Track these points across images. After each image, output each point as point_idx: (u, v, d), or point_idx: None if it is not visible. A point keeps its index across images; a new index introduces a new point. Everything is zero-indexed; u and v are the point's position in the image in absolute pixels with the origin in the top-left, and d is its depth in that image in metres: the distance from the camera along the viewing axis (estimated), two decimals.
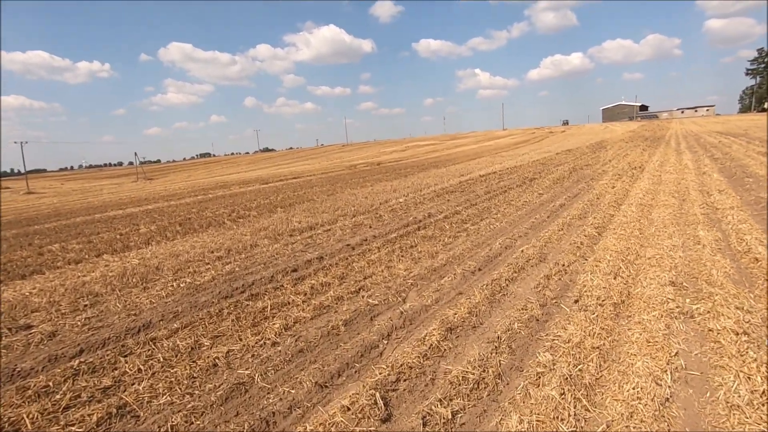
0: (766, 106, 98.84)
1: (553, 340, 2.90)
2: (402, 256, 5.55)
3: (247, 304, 4.17)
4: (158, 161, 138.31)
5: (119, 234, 9.16)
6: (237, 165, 54.21)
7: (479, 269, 4.69)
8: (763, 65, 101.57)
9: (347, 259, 5.58)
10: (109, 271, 6.03)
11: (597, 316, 3.11)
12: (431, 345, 2.96)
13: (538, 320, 3.25)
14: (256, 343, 3.29)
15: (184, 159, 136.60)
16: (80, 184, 38.18)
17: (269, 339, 3.35)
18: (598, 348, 2.69)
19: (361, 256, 5.68)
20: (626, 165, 13.93)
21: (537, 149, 30.45)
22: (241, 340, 3.36)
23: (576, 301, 3.52)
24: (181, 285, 5.05)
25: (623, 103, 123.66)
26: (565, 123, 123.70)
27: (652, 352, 2.57)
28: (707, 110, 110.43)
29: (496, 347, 2.87)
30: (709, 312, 3.07)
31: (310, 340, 3.28)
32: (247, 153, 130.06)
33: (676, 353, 2.60)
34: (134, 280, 5.46)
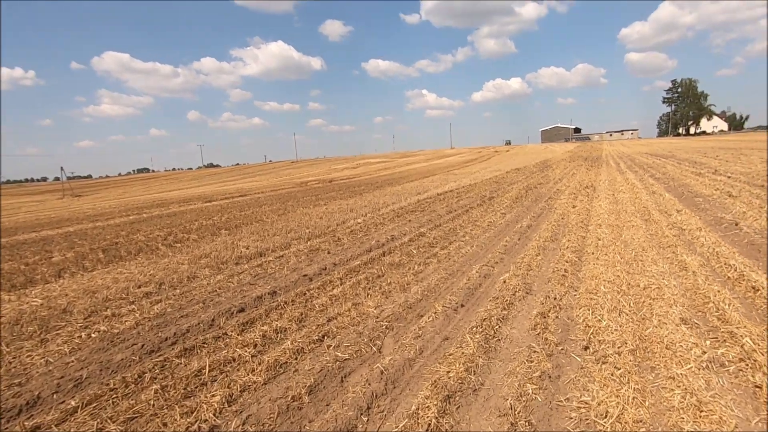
0: (680, 131, 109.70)
1: (580, 408, 2.30)
2: (369, 289, 4.82)
3: (179, 364, 3.24)
4: (89, 176, 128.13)
5: (24, 264, 7.66)
6: (178, 181, 50.97)
7: (461, 305, 4.07)
8: (676, 95, 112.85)
9: (305, 294, 4.76)
10: None
11: (622, 371, 2.57)
12: (429, 425, 2.25)
13: (551, 377, 2.65)
14: (187, 429, 2.41)
15: (120, 174, 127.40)
16: None
17: (206, 421, 2.47)
18: (641, 422, 2.12)
19: (321, 290, 4.88)
20: (577, 184, 14.19)
21: (487, 168, 31.08)
22: (165, 425, 2.45)
23: (586, 348, 2.98)
24: (93, 335, 3.98)
25: (559, 125, 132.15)
26: (508, 143, 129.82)
27: (715, 429, 2.04)
28: (632, 134, 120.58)
29: (512, 424, 2.22)
30: (742, 360, 2.64)
31: (263, 420, 2.45)
32: (190, 169, 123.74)
33: (735, 426, 2.09)
34: (30, 328, 4.29)
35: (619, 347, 2.87)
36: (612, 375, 2.53)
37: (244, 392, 2.77)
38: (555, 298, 3.98)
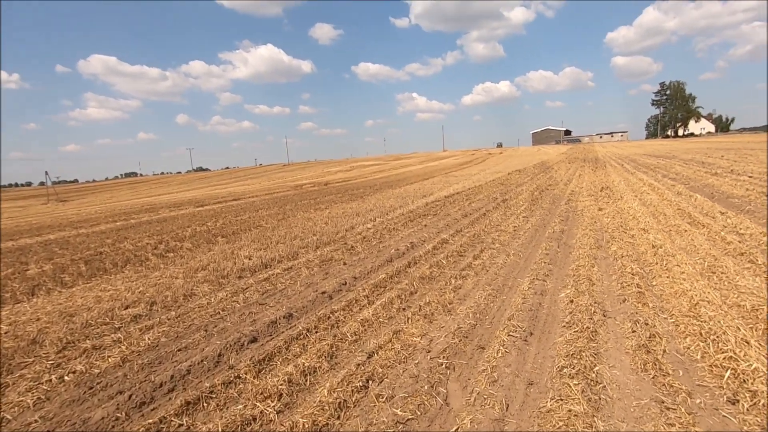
0: (669, 133, 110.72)
1: None
2: (405, 310, 4.03)
3: (180, 427, 2.41)
4: (75, 181, 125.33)
5: None
6: (167, 185, 49.63)
7: (530, 333, 3.30)
8: (665, 97, 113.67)
9: (329, 318, 3.95)
10: None
11: None
12: None
13: None
14: None
15: (107, 179, 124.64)
16: None
17: None
18: None
19: (347, 313, 4.07)
20: (590, 185, 13.56)
21: (485, 170, 30.47)
22: None
23: (734, 402, 2.22)
24: (67, 377, 3.13)
25: (550, 128, 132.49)
26: (499, 145, 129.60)
27: None
28: (621, 136, 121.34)
29: None
30: None
31: None
32: (179, 173, 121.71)
33: None
34: None
35: None
36: None
37: None
38: (646, 324, 3.22)
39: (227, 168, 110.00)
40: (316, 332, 3.63)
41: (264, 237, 8.63)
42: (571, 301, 3.80)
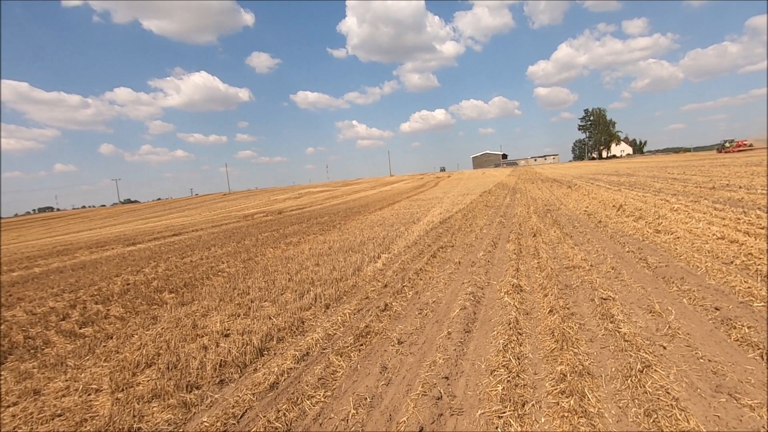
0: (594, 155, 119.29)
1: None
2: None
3: None
4: None
5: None
6: (89, 220, 43.45)
7: None
8: (589, 122, 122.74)
9: None
10: None
11: None
12: None
13: None
14: None
15: (16, 215, 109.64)
16: None
17: None
18: None
19: None
20: (593, 205, 12.29)
21: (448, 192, 29.22)
22: None
23: None
24: None
25: (489, 152, 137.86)
26: (443, 169, 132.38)
27: None
28: (553, 158, 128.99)
29: None
30: None
31: None
32: (104, 206, 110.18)
33: None
34: None
35: None
36: None
37: None
38: None
39: (159, 199, 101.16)
40: None
41: (235, 291, 6.00)
42: None
